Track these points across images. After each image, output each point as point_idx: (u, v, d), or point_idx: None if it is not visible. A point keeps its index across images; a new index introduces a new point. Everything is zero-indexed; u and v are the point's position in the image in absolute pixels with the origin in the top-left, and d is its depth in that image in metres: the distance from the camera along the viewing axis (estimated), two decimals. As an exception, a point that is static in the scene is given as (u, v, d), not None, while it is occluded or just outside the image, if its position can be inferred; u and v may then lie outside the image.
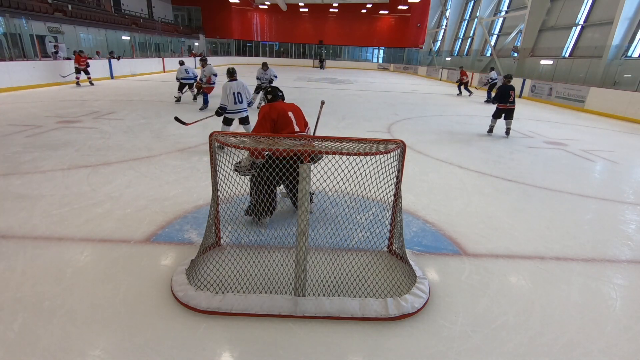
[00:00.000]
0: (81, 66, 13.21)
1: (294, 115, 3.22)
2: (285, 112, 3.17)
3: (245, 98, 5.66)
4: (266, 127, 3.10)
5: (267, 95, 3.50)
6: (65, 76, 13.24)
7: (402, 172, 2.65)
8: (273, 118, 3.13)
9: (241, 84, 5.61)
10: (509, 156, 6.31)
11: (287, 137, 2.81)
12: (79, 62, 13.10)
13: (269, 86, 3.62)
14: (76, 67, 13.16)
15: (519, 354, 2.02)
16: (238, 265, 2.61)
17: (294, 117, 3.20)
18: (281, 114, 3.16)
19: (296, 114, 3.24)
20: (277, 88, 3.58)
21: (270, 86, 3.60)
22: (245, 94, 5.64)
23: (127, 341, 1.97)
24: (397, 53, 41.60)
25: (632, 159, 6.62)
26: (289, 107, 3.25)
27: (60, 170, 4.53)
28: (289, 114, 3.19)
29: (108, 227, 3.18)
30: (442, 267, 2.83)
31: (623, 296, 2.60)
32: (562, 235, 3.48)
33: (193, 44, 35.16)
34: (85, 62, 13.34)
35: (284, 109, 3.19)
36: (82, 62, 13.17)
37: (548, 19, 18.34)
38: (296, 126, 3.17)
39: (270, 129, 3.11)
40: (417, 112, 10.93)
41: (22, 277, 2.46)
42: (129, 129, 6.92)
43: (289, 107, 3.25)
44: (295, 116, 3.22)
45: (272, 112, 3.15)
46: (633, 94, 11.42)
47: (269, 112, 3.15)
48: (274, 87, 3.57)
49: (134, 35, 23.32)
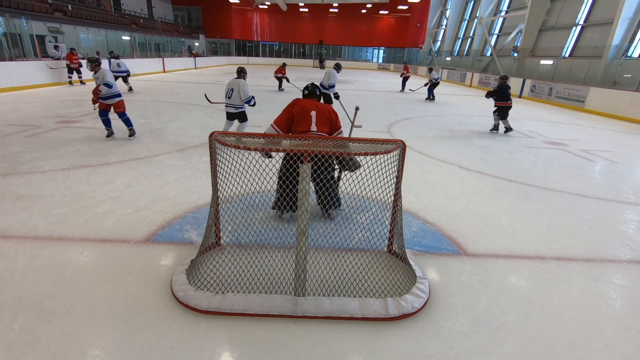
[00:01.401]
0: (73, 64, 13.16)
1: (317, 115, 3.24)
2: (307, 110, 3.24)
3: (236, 95, 5.67)
4: (282, 118, 3.25)
5: (304, 90, 3.57)
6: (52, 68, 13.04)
7: (402, 172, 2.65)
8: (293, 112, 3.25)
9: (236, 82, 5.66)
10: (509, 156, 6.31)
11: (286, 137, 2.82)
12: (71, 60, 13.06)
13: (310, 83, 3.66)
14: (68, 64, 13.11)
15: (519, 354, 2.02)
16: (238, 265, 2.60)
17: (315, 117, 3.23)
18: (303, 111, 3.24)
19: (319, 115, 3.26)
20: (316, 86, 3.62)
21: (312, 83, 3.65)
22: (237, 91, 5.66)
23: (127, 341, 1.97)
24: (397, 53, 41.59)
25: (632, 159, 6.62)
26: (314, 107, 3.29)
27: (60, 170, 4.53)
28: (312, 113, 3.23)
29: (108, 227, 3.18)
30: (442, 267, 2.83)
31: (623, 296, 2.60)
32: (562, 235, 3.48)
33: (193, 44, 35.16)
34: (78, 61, 13.27)
35: (307, 107, 3.26)
36: (74, 61, 13.11)
37: (548, 19, 18.34)
38: (314, 126, 3.21)
39: (285, 120, 3.24)
40: (417, 112, 10.93)
41: (22, 277, 2.46)
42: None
43: (314, 107, 3.29)
44: (318, 117, 3.24)
45: (296, 106, 3.27)
46: (633, 94, 11.42)
47: (293, 105, 3.29)
48: (313, 85, 3.62)
49: (134, 35, 23.30)
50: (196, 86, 15.30)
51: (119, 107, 6.00)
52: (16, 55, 14.08)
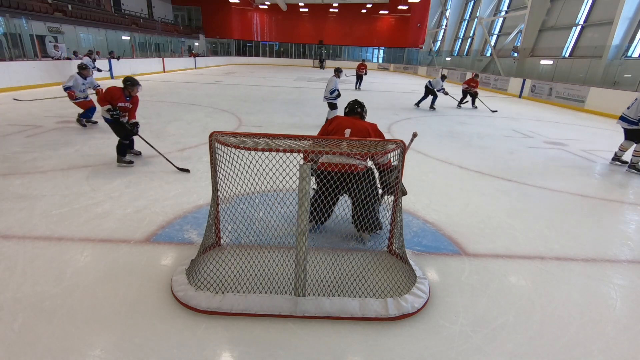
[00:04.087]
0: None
1: (351, 134, 3.09)
2: (341, 128, 3.10)
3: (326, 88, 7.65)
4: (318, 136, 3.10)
5: (345, 108, 3.45)
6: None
7: (402, 172, 2.65)
8: (328, 130, 3.15)
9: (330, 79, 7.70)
10: (509, 156, 6.31)
11: (286, 137, 2.81)
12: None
13: (353, 100, 3.50)
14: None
15: (519, 354, 2.02)
16: (238, 265, 2.60)
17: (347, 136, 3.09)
18: (338, 128, 3.11)
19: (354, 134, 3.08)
20: (357, 103, 3.43)
21: (355, 100, 3.49)
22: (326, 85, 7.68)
23: (126, 341, 1.97)
24: (397, 53, 41.61)
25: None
26: (350, 125, 3.11)
27: (60, 170, 4.53)
28: (346, 131, 3.08)
29: (108, 227, 3.18)
30: (442, 267, 2.83)
31: (623, 296, 2.60)
32: (562, 235, 3.48)
33: (193, 44, 35.17)
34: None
35: (342, 125, 3.12)
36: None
37: (548, 19, 18.34)
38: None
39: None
40: (417, 112, 10.94)
41: (22, 277, 2.46)
42: (129, 129, 6.91)
43: (350, 125, 3.11)
44: (352, 135, 3.08)
45: (332, 124, 3.18)
46: (633, 94, 11.36)
47: (330, 123, 3.21)
48: (355, 101, 3.46)
49: (134, 35, 23.32)
50: (196, 86, 15.30)
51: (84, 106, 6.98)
52: (16, 55, 14.09)
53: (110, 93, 4.69)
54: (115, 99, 4.71)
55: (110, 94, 4.69)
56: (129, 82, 4.74)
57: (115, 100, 4.71)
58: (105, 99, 4.68)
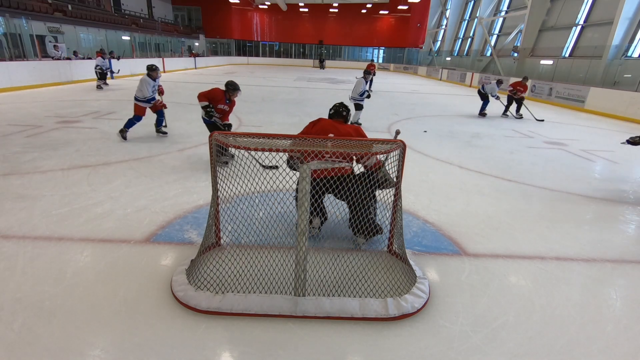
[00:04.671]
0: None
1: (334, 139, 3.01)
2: (325, 132, 3.03)
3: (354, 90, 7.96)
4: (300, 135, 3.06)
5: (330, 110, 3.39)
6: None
7: (402, 172, 2.65)
8: (311, 132, 3.08)
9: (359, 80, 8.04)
10: (509, 156, 6.31)
11: (286, 137, 2.80)
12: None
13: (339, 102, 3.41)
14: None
15: (519, 354, 2.02)
16: (238, 265, 2.60)
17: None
18: (321, 132, 3.05)
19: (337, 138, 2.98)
20: (342, 105, 3.37)
21: (340, 103, 3.42)
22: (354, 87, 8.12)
23: (126, 341, 1.97)
24: (397, 53, 41.61)
25: (632, 159, 6.62)
26: (333, 129, 3.04)
27: (60, 170, 4.53)
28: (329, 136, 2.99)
29: (108, 227, 3.18)
30: (442, 267, 2.83)
31: (623, 296, 2.60)
32: (562, 235, 3.48)
33: (193, 44, 35.17)
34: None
35: (325, 129, 3.05)
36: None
37: (548, 19, 18.34)
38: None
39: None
40: (418, 112, 10.93)
41: (22, 277, 2.46)
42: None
43: (333, 129, 3.04)
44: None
45: (316, 126, 3.11)
46: (633, 94, 11.41)
47: (314, 125, 3.13)
48: (341, 104, 3.38)
49: (134, 35, 23.32)
50: (196, 86, 15.29)
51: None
52: (16, 55, 14.09)
53: (214, 94, 4.83)
54: (217, 101, 4.83)
55: (213, 94, 4.82)
56: (231, 87, 4.87)
57: (217, 101, 4.83)
58: (206, 97, 4.81)
